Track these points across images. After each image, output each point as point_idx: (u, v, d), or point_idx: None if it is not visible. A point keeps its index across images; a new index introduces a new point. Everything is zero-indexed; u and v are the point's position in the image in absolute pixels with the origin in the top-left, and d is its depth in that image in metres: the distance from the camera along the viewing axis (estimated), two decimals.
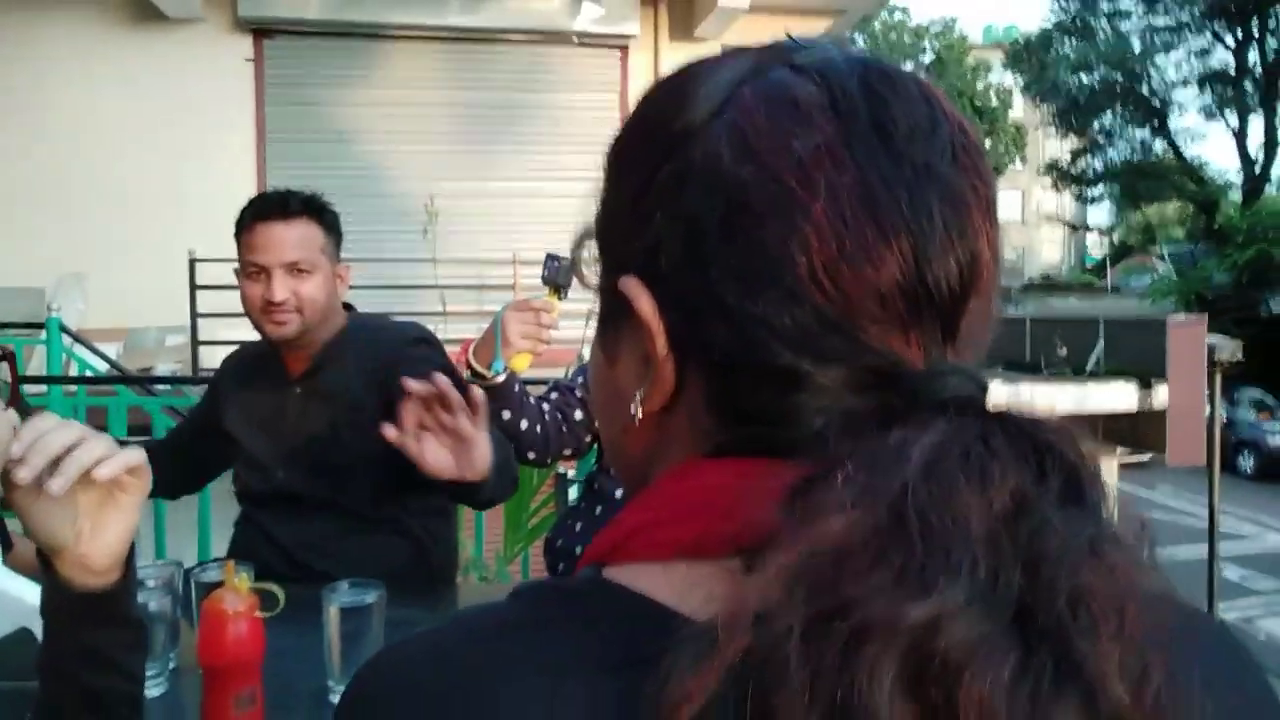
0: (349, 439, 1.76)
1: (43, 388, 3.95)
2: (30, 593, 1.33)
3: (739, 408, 0.40)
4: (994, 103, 27.78)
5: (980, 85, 27.83)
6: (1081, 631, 0.30)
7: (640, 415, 0.42)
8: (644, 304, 0.40)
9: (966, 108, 27.10)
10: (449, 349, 1.94)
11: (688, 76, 0.44)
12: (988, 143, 27.65)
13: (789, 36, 0.45)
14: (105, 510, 0.81)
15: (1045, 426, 0.34)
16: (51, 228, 5.99)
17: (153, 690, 1.25)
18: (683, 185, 0.40)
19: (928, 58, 28.33)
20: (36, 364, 4.65)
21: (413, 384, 1.42)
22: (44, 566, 0.82)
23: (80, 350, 4.80)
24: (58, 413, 3.84)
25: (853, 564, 0.31)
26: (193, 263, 5.50)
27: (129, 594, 0.85)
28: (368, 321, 1.90)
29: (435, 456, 1.45)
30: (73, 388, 4.12)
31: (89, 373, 4.77)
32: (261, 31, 6.43)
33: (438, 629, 0.40)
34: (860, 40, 28.38)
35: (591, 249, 0.47)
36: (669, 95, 0.43)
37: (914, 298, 0.38)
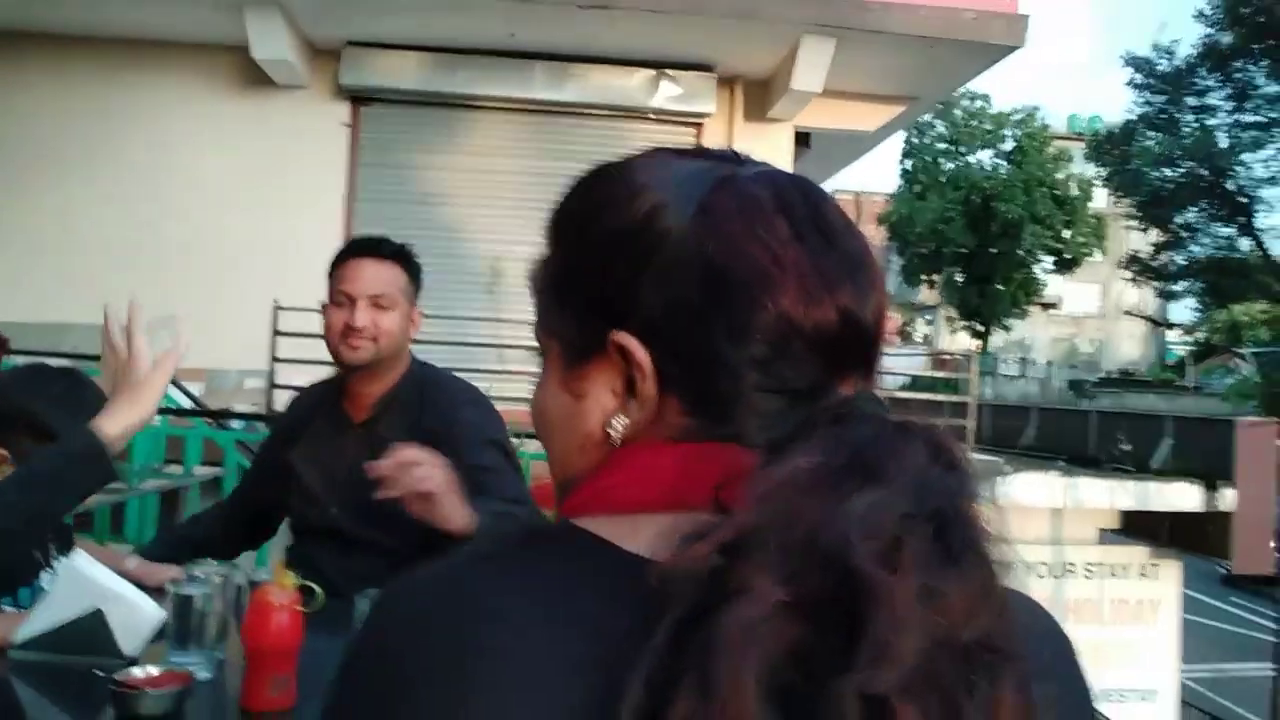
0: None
1: None
2: (104, 575, 1.52)
3: (704, 414, 0.54)
4: (1074, 193, 27.54)
5: (1061, 174, 27.63)
6: (980, 532, 0.46)
7: (620, 434, 0.55)
8: (641, 354, 0.54)
9: (1046, 197, 26.89)
10: (502, 406, 2.13)
11: (647, 181, 0.57)
12: (1067, 233, 27.34)
13: (732, 150, 0.61)
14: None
15: (935, 430, 0.49)
16: (149, 272, 6.41)
17: (201, 674, 1.42)
18: (674, 270, 0.54)
19: (1008, 145, 28.25)
20: None
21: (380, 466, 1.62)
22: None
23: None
24: (141, 441, 4.07)
25: (815, 485, 0.45)
26: (277, 310, 5.86)
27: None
28: (427, 374, 2.08)
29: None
30: (156, 418, 4.42)
31: (171, 406, 5.09)
32: (359, 99, 6.86)
33: (445, 561, 0.53)
34: (940, 126, 28.48)
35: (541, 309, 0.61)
36: (636, 197, 0.56)
37: (849, 340, 0.54)
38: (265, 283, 5.95)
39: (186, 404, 5.17)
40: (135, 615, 1.48)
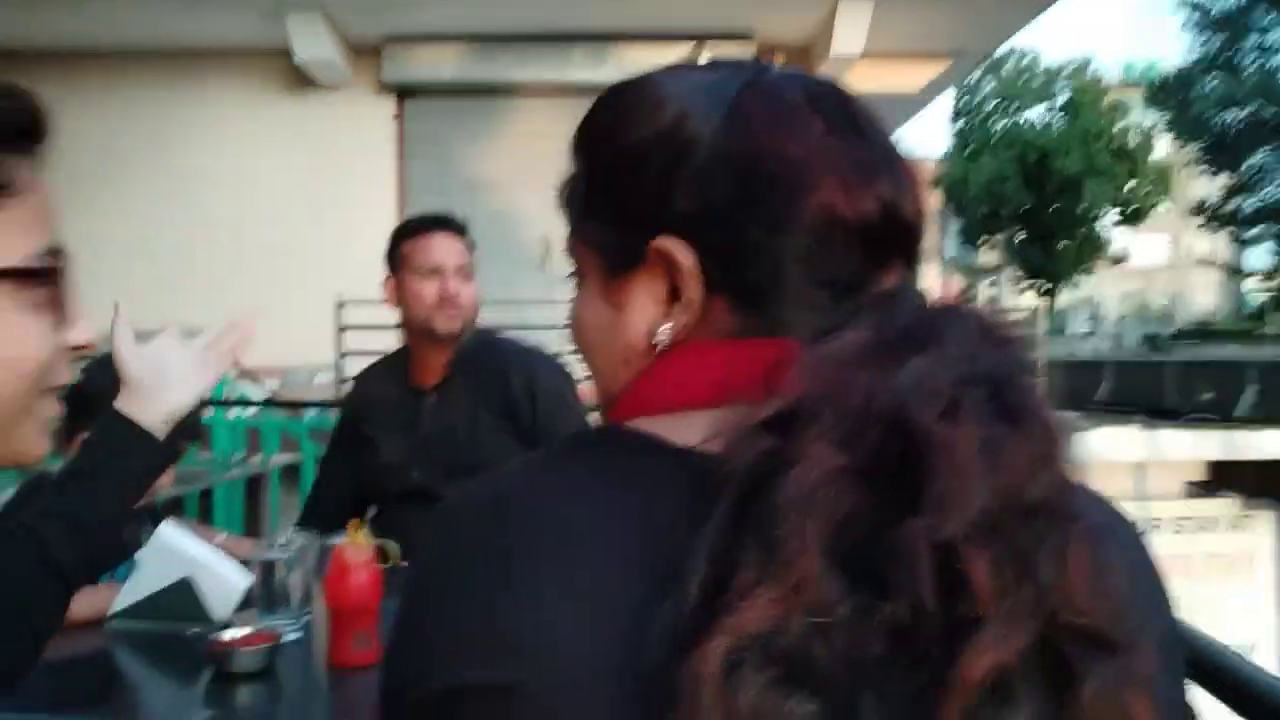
0: (481, 443, 2.00)
1: (209, 411, 4.51)
2: (191, 546, 1.57)
3: (751, 311, 0.53)
4: (1134, 143, 26.70)
5: (1119, 126, 26.78)
6: (1038, 399, 0.45)
7: (666, 341, 0.54)
8: (685, 258, 0.53)
9: (1104, 150, 26.10)
10: None
11: (671, 92, 0.56)
12: (1131, 183, 26.55)
13: (754, 59, 0.60)
14: None
15: (984, 310, 0.49)
16: (216, 275, 6.58)
17: (289, 634, 1.46)
18: (708, 173, 0.53)
19: (1061, 99, 27.48)
20: None
21: None
22: None
23: (242, 382, 5.35)
24: (222, 434, 4.28)
25: (867, 356, 0.45)
26: (339, 306, 5.97)
27: None
28: (484, 335, 2.14)
29: None
30: (234, 412, 4.63)
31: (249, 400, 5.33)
32: (404, 92, 6.94)
33: (493, 471, 0.53)
34: (988, 86, 27.82)
35: (573, 227, 0.60)
36: (661, 108, 0.56)
37: (890, 230, 0.54)
38: (328, 279, 6.06)
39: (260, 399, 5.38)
40: (223, 582, 1.53)
